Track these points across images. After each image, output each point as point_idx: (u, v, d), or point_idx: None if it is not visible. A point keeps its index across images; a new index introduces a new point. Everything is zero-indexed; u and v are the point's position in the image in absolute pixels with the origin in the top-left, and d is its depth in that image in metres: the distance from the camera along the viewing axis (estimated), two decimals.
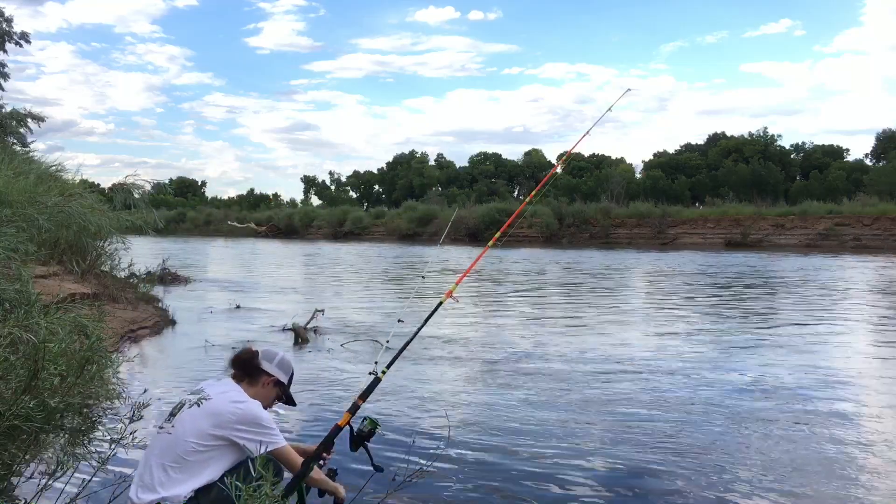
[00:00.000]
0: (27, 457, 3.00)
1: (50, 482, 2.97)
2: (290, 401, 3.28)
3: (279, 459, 2.97)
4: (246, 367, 3.11)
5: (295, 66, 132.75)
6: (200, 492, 2.77)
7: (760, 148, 65.95)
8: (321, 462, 3.16)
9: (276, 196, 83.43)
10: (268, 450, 2.85)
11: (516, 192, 75.47)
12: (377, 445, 3.67)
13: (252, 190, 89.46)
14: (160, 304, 11.43)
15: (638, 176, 68.77)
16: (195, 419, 2.84)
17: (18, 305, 4.16)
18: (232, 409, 2.86)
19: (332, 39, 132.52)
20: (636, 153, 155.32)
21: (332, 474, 3.23)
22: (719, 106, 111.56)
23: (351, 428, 3.20)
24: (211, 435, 2.82)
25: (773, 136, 69.73)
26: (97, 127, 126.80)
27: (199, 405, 2.88)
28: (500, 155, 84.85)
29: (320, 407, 6.18)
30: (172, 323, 10.65)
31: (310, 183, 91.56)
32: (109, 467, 3.24)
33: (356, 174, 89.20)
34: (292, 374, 3.25)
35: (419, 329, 3.75)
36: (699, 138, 78.24)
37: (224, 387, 3.02)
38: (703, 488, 4.33)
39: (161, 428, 2.91)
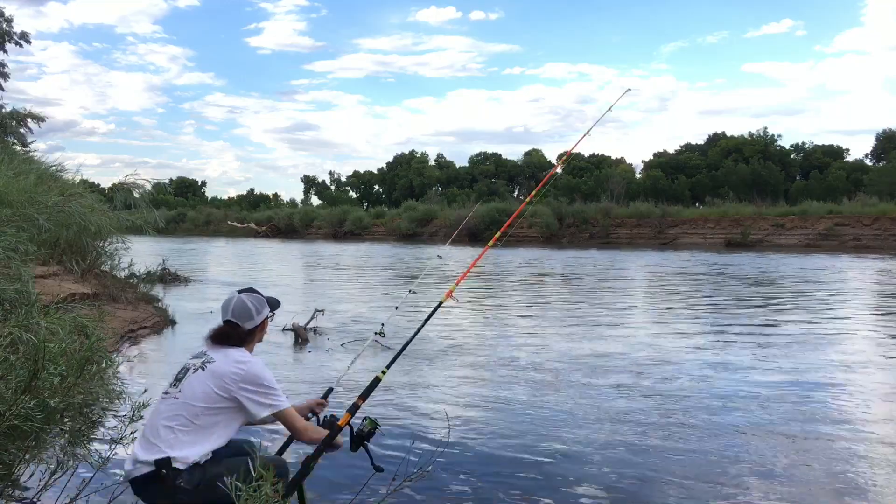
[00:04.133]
0: (27, 457, 3.00)
1: (50, 482, 2.97)
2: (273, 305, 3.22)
3: (282, 422, 2.97)
4: (236, 338, 3.06)
5: (296, 66, 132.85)
6: (213, 453, 2.81)
7: (760, 148, 65.91)
8: (315, 415, 3.33)
9: (276, 196, 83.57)
10: (271, 412, 2.88)
11: (516, 192, 75.45)
12: (377, 445, 3.67)
13: (252, 190, 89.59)
14: (160, 304, 11.43)
15: (638, 176, 68.72)
16: (202, 382, 2.86)
17: (18, 305, 4.17)
18: (235, 369, 2.89)
19: (334, 39, 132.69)
20: (636, 153, 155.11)
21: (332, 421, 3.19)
22: (720, 106, 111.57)
23: (351, 428, 3.20)
24: (218, 396, 2.84)
25: (773, 136, 69.78)
26: (98, 127, 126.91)
27: (203, 369, 2.89)
28: (500, 155, 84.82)
29: None
30: (172, 323, 10.64)
31: (310, 183, 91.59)
32: (110, 465, 3.24)
33: (356, 174, 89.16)
34: (268, 300, 3.19)
35: (419, 329, 3.75)
36: (700, 138, 78.30)
37: (226, 348, 3.03)
38: (704, 489, 4.33)
39: (167, 393, 2.93)
